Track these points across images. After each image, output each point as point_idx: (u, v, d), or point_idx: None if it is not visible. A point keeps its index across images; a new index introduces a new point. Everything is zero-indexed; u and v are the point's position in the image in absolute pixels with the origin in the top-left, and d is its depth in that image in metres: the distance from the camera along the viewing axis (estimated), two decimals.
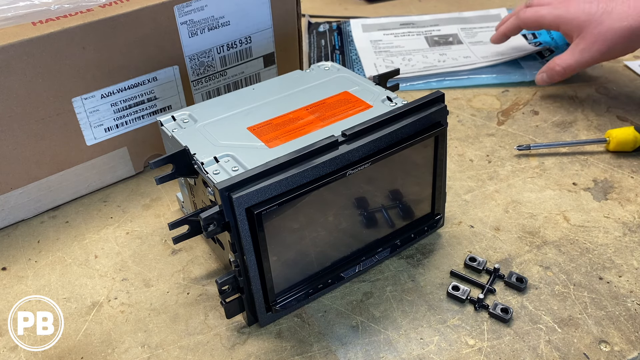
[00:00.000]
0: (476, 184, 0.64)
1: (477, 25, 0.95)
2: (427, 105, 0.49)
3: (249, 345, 0.48)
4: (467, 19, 0.96)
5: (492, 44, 0.86)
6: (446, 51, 0.88)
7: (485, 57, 0.85)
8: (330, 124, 0.50)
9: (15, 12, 0.55)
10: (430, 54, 0.88)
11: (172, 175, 0.48)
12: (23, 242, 0.59)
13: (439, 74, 0.83)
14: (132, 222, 0.61)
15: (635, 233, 0.56)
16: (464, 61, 0.85)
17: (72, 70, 0.56)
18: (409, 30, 0.95)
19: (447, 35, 0.92)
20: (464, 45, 0.89)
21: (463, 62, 0.85)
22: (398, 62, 0.86)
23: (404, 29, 0.95)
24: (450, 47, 0.89)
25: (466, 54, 0.87)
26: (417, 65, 0.85)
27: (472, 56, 0.86)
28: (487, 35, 0.91)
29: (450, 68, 0.84)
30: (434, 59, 0.86)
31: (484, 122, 0.74)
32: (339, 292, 0.52)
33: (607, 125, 0.72)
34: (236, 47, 0.67)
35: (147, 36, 0.59)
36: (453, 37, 0.92)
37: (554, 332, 0.47)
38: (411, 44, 0.91)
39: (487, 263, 0.53)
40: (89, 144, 0.61)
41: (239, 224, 0.42)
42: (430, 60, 0.86)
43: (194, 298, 0.52)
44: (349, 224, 0.50)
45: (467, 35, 0.92)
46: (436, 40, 0.92)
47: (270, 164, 0.43)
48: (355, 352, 0.47)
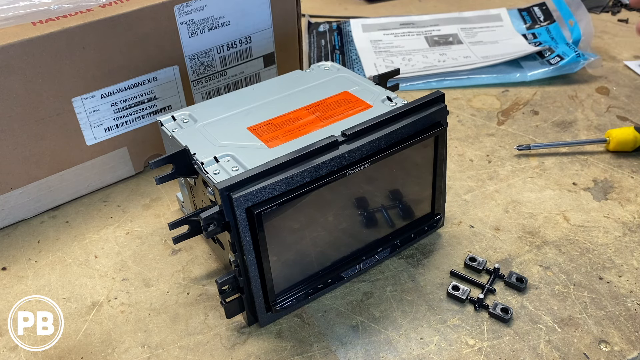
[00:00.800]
0: (476, 184, 0.64)
1: (477, 25, 0.95)
2: (427, 105, 0.49)
3: (249, 345, 0.48)
4: (467, 19, 0.96)
5: (492, 44, 0.86)
6: (446, 51, 0.88)
7: (485, 57, 0.85)
8: (330, 124, 0.50)
9: (15, 12, 0.55)
10: (430, 53, 0.88)
11: (172, 175, 0.48)
12: (23, 242, 0.59)
13: (439, 73, 0.83)
14: (132, 222, 0.61)
15: (635, 233, 0.56)
16: (464, 61, 0.85)
17: (72, 70, 0.56)
18: (409, 30, 0.95)
19: (447, 35, 0.92)
20: (464, 45, 0.89)
21: (463, 62, 0.85)
22: (398, 62, 0.86)
23: (404, 29, 0.95)
24: (450, 47, 0.89)
25: (466, 54, 0.87)
26: (417, 65, 0.85)
27: (472, 56, 0.86)
28: (487, 35, 0.91)
29: (450, 68, 0.84)
30: (434, 59, 0.86)
31: (484, 122, 0.74)
32: (339, 292, 0.52)
33: (607, 125, 0.72)
34: (236, 47, 0.67)
35: (147, 36, 0.59)
36: (453, 37, 0.92)
37: (554, 332, 0.47)
38: (411, 44, 0.91)
39: (487, 263, 0.53)
40: (89, 144, 0.61)
41: (239, 224, 0.42)
42: (430, 60, 0.86)
43: (194, 298, 0.52)
44: (349, 224, 0.50)
45: (467, 35, 0.92)
46: (436, 40, 0.92)
47: (270, 164, 0.43)
48: (355, 352, 0.47)
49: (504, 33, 0.92)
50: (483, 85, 0.82)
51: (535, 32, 0.91)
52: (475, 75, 0.82)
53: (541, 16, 0.96)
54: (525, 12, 0.98)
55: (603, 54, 0.88)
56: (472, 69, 0.83)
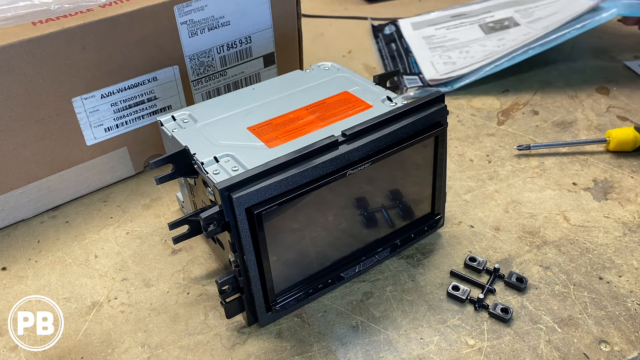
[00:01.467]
0: (476, 184, 0.64)
1: (532, 5, 0.88)
2: (427, 105, 0.49)
3: (249, 345, 0.48)
4: (519, 1, 0.90)
5: (552, 16, 0.78)
6: (504, 35, 0.82)
7: (546, 28, 0.78)
8: (330, 124, 0.50)
9: (15, 12, 0.55)
10: (487, 41, 0.82)
11: (172, 175, 0.48)
12: (23, 242, 0.59)
13: (501, 57, 0.77)
14: (132, 222, 0.61)
15: (635, 233, 0.56)
16: (524, 39, 0.78)
17: (72, 70, 0.56)
18: (461, 22, 0.89)
19: (502, 20, 0.86)
20: (521, 26, 0.83)
21: (524, 40, 0.78)
22: (455, 56, 0.81)
23: (455, 21, 0.89)
24: (508, 30, 0.83)
25: (525, 32, 0.80)
26: (476, 55, 0.80)
27: (531, 32, 0.79)
28: (544, 11, 0.84)
29: (512, 48, 0.77)
30: (492, 46, 0.80)
31: (484, 122, 0.74)
32: (339, 292, 0.52)
33: (607, 125, 0.72)
34: (236, 47, 0.67)
35: (147, 36, 0.59)
36: (509, 21, 0.85)
37: (554, 332, 0.47)
38: (466, 35, 0.85)
39: (487, 263, 0.53)
40: (89, 144, 0.61)
41: (239, 224, 0.42)
42: (489, 48, 0.80)
43: (194, 298, 0.52)
44: (349, 224, 0.50)
45: (523, 16, 0.85)
46: (491, 26, 0.86)
47: (270, 164, 0.43)
48: (355, 352, 0.47)
49: (563, 3, 0.84)
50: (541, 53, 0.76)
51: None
52: (551, 37, 0.75)
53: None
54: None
55: (603, 54, 0.88)
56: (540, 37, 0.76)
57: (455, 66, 0.79)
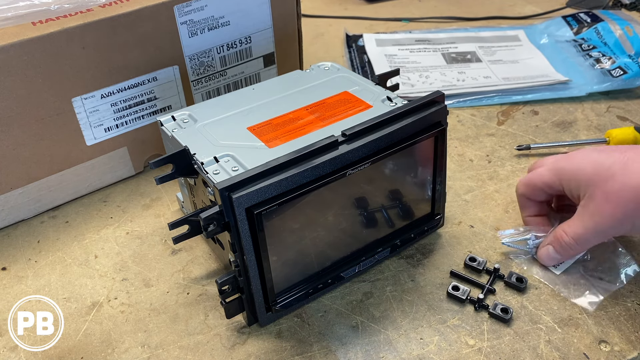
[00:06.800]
0: (476, 184, 0.64)
1: (495, 45, 0.90)
2: (427, 105, 0.49)
3: (249, 345, 0.48)
4: (484, 38, 0.92)
5: (512, 64, 0.82)
6: (465, 69, 0.84)
7: (506, 79, 0.81)
8: (330, 124, 0.50)
9: (15, 12, 0.55)
10: (448, 71, 0.84)
11: (172, 175, 0.48)
12: (23, 242, 0.59)
13: (463, 94, 0.79)
14: (132, 222, 0.61)
15: None
16: (484, 82, 0.81)
17: (72, 70, 0.56)
18: (425, 47, 0.90)
19: (465, 53, 0.88)
20: (483, 63, 0.85)
21: (484, 82, 0.80)
22: (415, 78, 0.82)
23: (419, 45, 0.91)
24: (469, 64, 0.85)
25: (486, 74, 0.82)
26: (435, 83, 0.81)
27: (492, 76, 0.82)
28: (505, 54, 0.87)
29: (472, 89, 0.79)
30: (452, 77, 0.82)
31: (484, 122, 0.74)
32: (339, 292, 0.52)
33: (607, 125, 0.72)
34: (236, 47, 0.67)
35: (147, 36, 0.59)
36: (471, 55, 0.88)
37: (554, 332, 0.47)
38: (428, 60, 0.87)
39: (487, 263, 0.53)
40: (89, 144, 0.61)
41: (239, 224, 0.42)
42: (448, 78, 0.82)
43: (194, 298, 0.52)
44: (349, 224, 0.50)
45: (485, 53, 0.88)
46: (454, 57, 0.87)
47: (270, 164, 0.43)
48: (355, 352, 0.47)
49: (524, 52, 0.88)
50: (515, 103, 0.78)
51: (584, 37, 0.87)
52: (509, 95, 0.78)
53: (587, 19, 0.91)
54: (570, 17, 0.93)
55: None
56: (501, 89, 0.79)
57: (413, 89, 0.80)
